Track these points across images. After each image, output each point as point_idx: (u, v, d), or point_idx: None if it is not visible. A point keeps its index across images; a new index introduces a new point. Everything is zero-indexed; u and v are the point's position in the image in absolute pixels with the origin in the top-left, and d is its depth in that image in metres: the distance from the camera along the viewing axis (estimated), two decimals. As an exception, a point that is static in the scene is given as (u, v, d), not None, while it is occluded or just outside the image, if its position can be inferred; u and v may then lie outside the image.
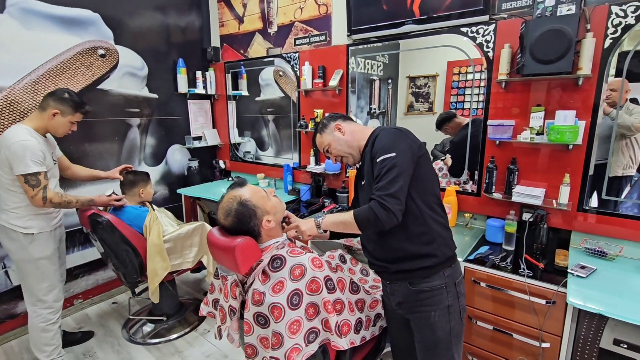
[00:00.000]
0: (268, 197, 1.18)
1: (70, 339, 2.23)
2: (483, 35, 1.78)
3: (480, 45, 1.81)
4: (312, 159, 2.62)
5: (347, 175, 2.47)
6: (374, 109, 2.44)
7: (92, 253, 2.64)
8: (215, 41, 3.26)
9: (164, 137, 3.02)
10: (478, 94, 1.96)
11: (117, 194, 2.04)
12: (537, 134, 1.62)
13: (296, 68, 2.64)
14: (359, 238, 1.86)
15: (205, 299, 1.40)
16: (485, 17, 1.75)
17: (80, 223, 2.14)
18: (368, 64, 2.36)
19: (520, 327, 1.49)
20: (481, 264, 1.57)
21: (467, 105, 2.13)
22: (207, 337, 2.29)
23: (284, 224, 1.29)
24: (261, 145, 3.24)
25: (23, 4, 2.15)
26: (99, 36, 2.51)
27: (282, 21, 2.72)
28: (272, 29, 2.80)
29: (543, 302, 1.41)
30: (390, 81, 2.41)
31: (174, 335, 2.30)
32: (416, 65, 2.26)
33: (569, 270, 1.44)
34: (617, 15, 1.46)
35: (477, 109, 1.93)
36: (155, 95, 2.91)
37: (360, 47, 2.30)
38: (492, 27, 1.75)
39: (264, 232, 1.15)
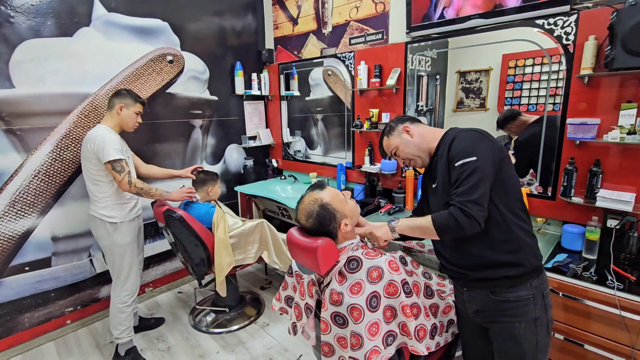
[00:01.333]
0: (346, 201, 1.20)
1: (145, 325, 2.44)
2: (562, 27, 1.66)
3: (558, 38, 1.69)
4: (366, 159, 2.61)
5: (403, 175, 2.43)
6: (422, 106, 2.37)
7: (161, 245, 2.85)
8: (269, 43, 3.35)
9: (222, 137, 3.18)
10: (545, 88, 1.84)
11: (197, 197, 2.24)
12: (629, 133, 1.48)
13: (351, 68, 2.64)
14: (418, 240, 1.85)
15: (278, 295, 1.46)
16: (566, 7, 1.62)
17: (155, 217, 2.32)
18: (415, 59, 2.30)
19: (610, 344, 1.38)
20: (560, 274, 1.48)
21: (524, 101, 2.01)
22: (266, 330, 2.38)
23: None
24: (310, 144, 3.29)
25: (106, 17, 2.36)
26: (168, 43, 2.68)
27: (337, 21, 2.73)
28: (327, 30, 2.82)
29: (637, 318, 1.29)
30: (438, 77, 2.33)
31: (235, 327, 2.42)
32: (467, 59, 2.17)
33: (667, 284, 1.31)
34: None
35: (551, 103, 1.80)
36: (215, 98, 3.06)
37: (422, 44, 2.24)
38: (573, 17, 1.62)
39: (340, 235, 1.18)
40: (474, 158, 1.05)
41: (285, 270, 2.42)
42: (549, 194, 1.83)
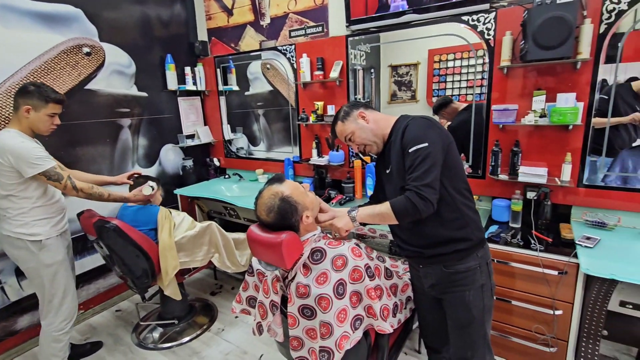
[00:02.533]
0: (306, 193, 1.19)
1: (78, 351, 2.16)
2: (484, 23, 1.85)
3: (481, 33, 1.87)
4: (314, 152, 2.62)
5: (351, 166, 2.50)
6: (359, 98, 2.47)
7: (91, 261, 2.55)
8: (202, 35, 3.16)
9: (156, 137, 2.93)
10: (465, 80, 2.05)
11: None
12: (540, 116, 1.71)
13: (293, 61, 2.62)
14: (370, 226, 1.93)
15: (238, 297, 1.40)
16: (487, 5, 1.80)
17: (83, 230, 2.05)
18: (351, 53, 2.37)
19: (535, 298, 1.59)
20: (494, 243, 1.66)
21: (448, 92, 2.21)
22: (222, 335, 2.28)
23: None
24: (253, 140, 3.21)
25: (1, 0, 1.99)
26: (83, 33, 2.37)
27: (275, 13, 2.68)
28: (265, 21, 2.75)
29: (555, 273, 1.51)
30: (372, 71, 2.44)
31: (187, 338, 2.27)
32: (397, 54, 2.30)
33: (576, 242, 1.55)
34: (612, 2, 1.55)
35: (471, 94, 2.00)
36: (144, 94, 2.80)
37: (356, 38, 2.30)
38: (492, 15, 1.81)
39: (302, 227, 1.17)
40: (426, 144, 1.11)
41: (238, 272, 2.34)
42: (480, 173, 2.03)
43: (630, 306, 1.46)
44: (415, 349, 2.05)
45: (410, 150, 1.13)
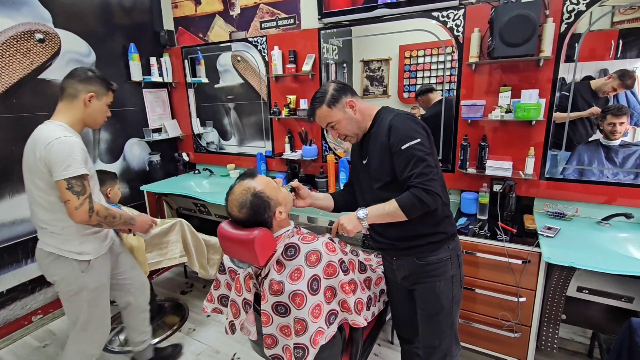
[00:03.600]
0: (279, 188, 1.16)
1: (160, 355, 1.99)
2: (453, 20, 1.88)
3: (451, 30, 1.91)
4: (287, 146, 2.59)
5: (324, 160, 2.49)
6: None
7: (49, 263, 2.38)
8: (168, 24, 3.01)
9: (119, 131, 2.77)
10: (435, 76, 2.09)
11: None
12: (506, 111, 1.77)
13: (264, 53, 2.56)
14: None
15: (209, 296, 1.36)
16: (456, 2, 1.84)
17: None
18: (324, 47, 2.36)
19: (501, 286, 1.66)
20: (463, 235, 1.71)
21: (419, 88, 2.25)
22: (194, 335, 2.22)
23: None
24: (224, 134, 3.12)
25: None
26: (35, 18, 2.19)
27: (245, 3, 2.60)
28: (235, 12, 2.66)
29: (519, 262, 1.58)
30: (345, 65, 2.44)
31: (156, 340, 2.19)
32: (369, 49, 2.31)
33: (538, 232, 1.63)
34: (571, 2, 1.62)
35: (440, 90, 2.05)
36: (106, 85, 2.63)
37: (329, 31, 2.28)
38: (461, 11, 1.85)
39: (275, 223, 1.14)
40: (418, 140, 1.12)
41: (205, 278, 2.26)
42: (449, 167, 2.09)
43: (587, 291, 1.56)
44: (388, 340, 2.09)
45: (402, 148, 1.12)
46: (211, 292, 1.35)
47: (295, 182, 1.30)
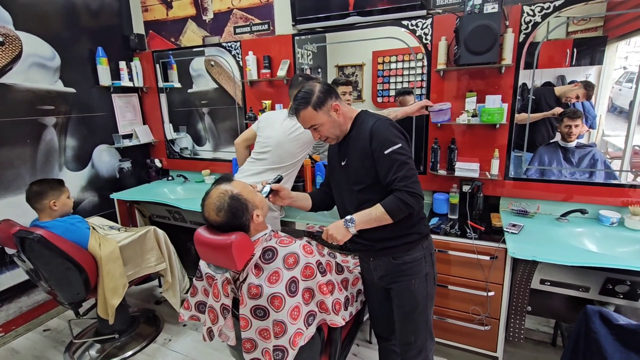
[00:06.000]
0: (255, 192, 1.17)
1: None
2: (422, 29, 1.97)
3: (420, 38, 1.99)
4: (263, 151, 2.58)
5: (300, 164, 2.51)
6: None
7: (11, 278, 2.26)
8: (138, 27, 2.95)
9: (87, 137, 2.67)
10: (407, 81, 2.19)
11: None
12: (472, 116, 1.87)
13: (239, 58, 2.55)
14: (321, 224, 1.96)
15: (186, 303, 1.34)
16: (423, 12, 1.92)
17: (1, 243, 1.81)
18: (298, 52, 2.40)
19: (471, 282, 1.74)
20: (435, 234, 1.78)
21: (392, 93, 2.34)
22: (169, 346, 2.16)
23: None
24: (198, 140, 3.08)
25: None
26: (-7, 19, 2.08)
27: (218, 8, 2.59)
28: (208, 16, 2.65)
29: (488, 258, 1.67)
30: (320, 70, 2.49)
31: (129, 352, 2.11)
32: (343, 54, 2.37)
33: (504, 229, 1.73)
34: (528, 14, 1.75)
35: (419, 95, 2.13)
36: (72, 90, 2.54)
37: (303, 37, 2.32)
38: (429, 21, 1.94)
39: (253, 227, 1.15)
40: (400, 144, 1.16)
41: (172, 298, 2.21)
42: (421, 169, 2.17)
43: (549, 283, 1.66)
44: (366, 340, 2.13)
45: (385, 152, 1.15)
46: (188, 300, 1.33)
47: (275, 185, 1.31)
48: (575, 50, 1.82)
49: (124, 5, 2.90)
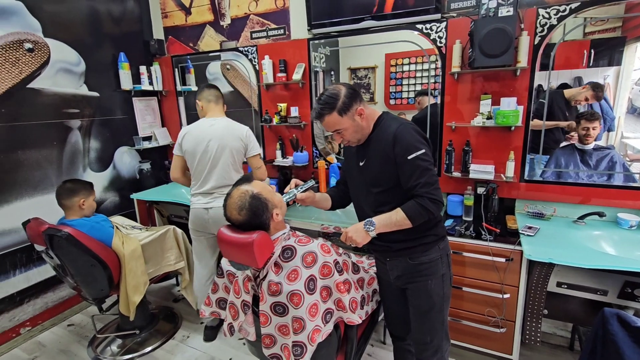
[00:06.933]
0: (274, 192, 1.22)
1: None
2: (436, 32, 1.98)
3: (434, 41, 2.01)
4: (278, 153, 2.64)
5: (315, 166, 2.55)
6: None
7: (38, 274, 2.36)
8: (158, 33, 3.04)
9: (109, 139, 2.77)
10: (420, 84, 2.21)
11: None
12: (487, 118, 1.87)
13: (255, 62, 2.61)
14: (336, 224, 1.99)
15: (207, 299, 1.39)
16: (438, 15, 1.94)
17: (30, 240, 1.90)
18: (312, 56, 2.43)
19: (486, 284, 1.74)
20: (450, 235, 1.79)
21: (404, 95, 2.35)
22: (187, 342, 2.22)
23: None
24: (214, 142, 3.14)
25: None
26: (24, 28, 2.19)
27: (235, 14, 2.66)
28: (225, 22, 2.72)
29: (503, 260, 1.67)
30: (332, 73, 2.52)
31: (149, 348, 2.18)
32: (356, 57, 2.40)
33: (520, 232, 1.73)
34: (544, 17, 1.75)
35: (434, 96, 2.14)
36: (95, 94, 2.64)
37: (317, 42, 2.36)
38: (444, 24, 1.95)
39: (272, 225, 1.19)
40: (423, 150, 1.17)
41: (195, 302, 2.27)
42: (436, 171, 2.17)
43: (565, 286, 1.66)
44: (380, 340, 2.15)
45: (409, 158, 1.16)
46: (209, 296, 1.38)
47: (301, 194, 1.34)
48: (592, 51, 1.81)
49: (145, 11, 3.00)
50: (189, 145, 1.92)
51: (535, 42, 1.79)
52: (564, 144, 1.98)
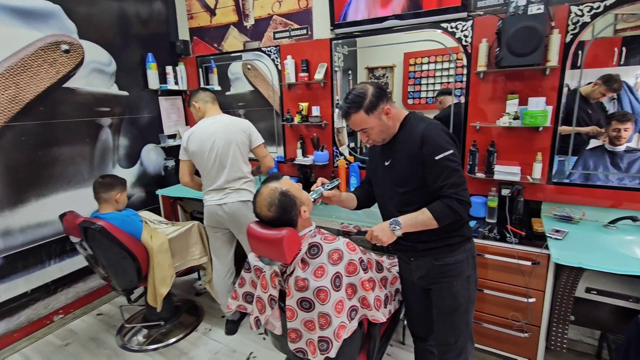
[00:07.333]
0: (300, 189, 1.24)
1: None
2: (462, 31, 1.96)
3: (459, 40, 1.99)
4: (299, 152, 2.67)
5: (335, 165, 2.57)
6: (337, 99, 2.54)
7: (70, 265, 2.47)
8: (184, 34, 3.13)
9: (137, 137, 2.87)
10: (440, 83, 2.19)
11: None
12: (514, 118, 1.84)
13: (277, 62, 2.65)
14: (355, 223, 2.01)
15: (234, 293, 1.42)
16: (464, 14, 1.92)
17: (66, 232, 2.00)
18: (333, 55, 2.43)
19: (510, 287, 1.71)
20: (473, 237, 1.76)
21: (423, 95, 2.33)
22: (210, 335, 2.28)
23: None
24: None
25: (-28, -7, 1.91)
26: (62, 30, 2.30)
27: (259, 14, 2.70)
28: (249, 23, 2.77)
29: (529, 263, 1.64)
30: (350, 72, 2.52)
31: (173, 339, 2.25)
32: (374, 56, 2.39)
33: (547, 235, 1.69)
34: (576, 14, 1.70)
35: (458, 96, 2.12)
36: (125, 93, 2.74)
37: (340, 41, 2.37)
38: (470, 23, 1.93)
39: (300, 222, 1.21)
40: (451, 151, 1.17)
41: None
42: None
43: (595, 292, 1.61)
44: (400, 341, 2.15)
45: (436, 158, 1.16)
46: (236, 290, 1.42)
47: (327, 192, 1.35)
48: (624, 48, 1.75)
49: (171, 13, 3.09)
50: (194, 146, 1.95)
51: (567, 41, 1.74)
52: (592, 145, 1.92)
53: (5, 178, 2.09)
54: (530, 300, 1.67)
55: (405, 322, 1.82)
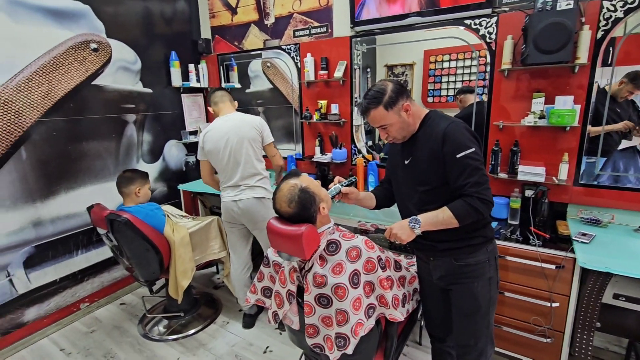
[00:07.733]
0: (319, 186, 1.25)
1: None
2: (486, 27, 1.92)
3: (482, 37, 1.94)
4: (317, 149, 2.67)
5: (353, 163, 2.56)
6: (356, 97, 2.53)
7: (96, 255, 2.57)
8: (206, 32, 3.19)
9: (160, 133, 2.95)
10: (460, 81, 2.15)
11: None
12: (540, 117, 1.79)
13: (297, 60, 2.67)
14: (373, 222, 2.00)
15: (253, 287, 1.45)
16: (489, 10, 1.87)
17: (93, 224, 2.08)
18: (353, 53, 2.42)
19: (533, 291, 1.67)
20: (495, 238, 1.73)
21: (443, 93, 2.28)
22: (227, 328, 2.33)
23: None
24: (253, 137, 3.24)
25: (10, -5, 2.01)
26: (91, 29, 2.39)
27: (279, 12, 2.72)
28: (269, 21, 2.79)
29: (553, 267, 1.59)
30: (369, 70, 2.50)
31: (192, 330, 2.31)
32: (393, 54, 2.36)
33: (573, 238, 1.63)
34: (608, 10, 1.63)
35: (480, 94, 2.07)
36: (149, 90, 2.82)
37: (359, 39, 2.36)
38: (494, 19, 1.88)
39: (319, 219, 1.22)
40: (473, 149, 1.15)
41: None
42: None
43: (623, 298, 1.55)
44: (416, 341, 2.13)
45: (458, 156, 1.14)
46: (255, 284, 1.44)
47: (345, 188, 1.36)
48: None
49: (194, 12, 3.15)
50: (210, 145, 2.01)
51: (598, 37, 1.67)
52: (622, 146, 1.84)
53: (37, 171, 2.19)
54: (554, 304, 1.62)
55: (423, 322, 1.80)
